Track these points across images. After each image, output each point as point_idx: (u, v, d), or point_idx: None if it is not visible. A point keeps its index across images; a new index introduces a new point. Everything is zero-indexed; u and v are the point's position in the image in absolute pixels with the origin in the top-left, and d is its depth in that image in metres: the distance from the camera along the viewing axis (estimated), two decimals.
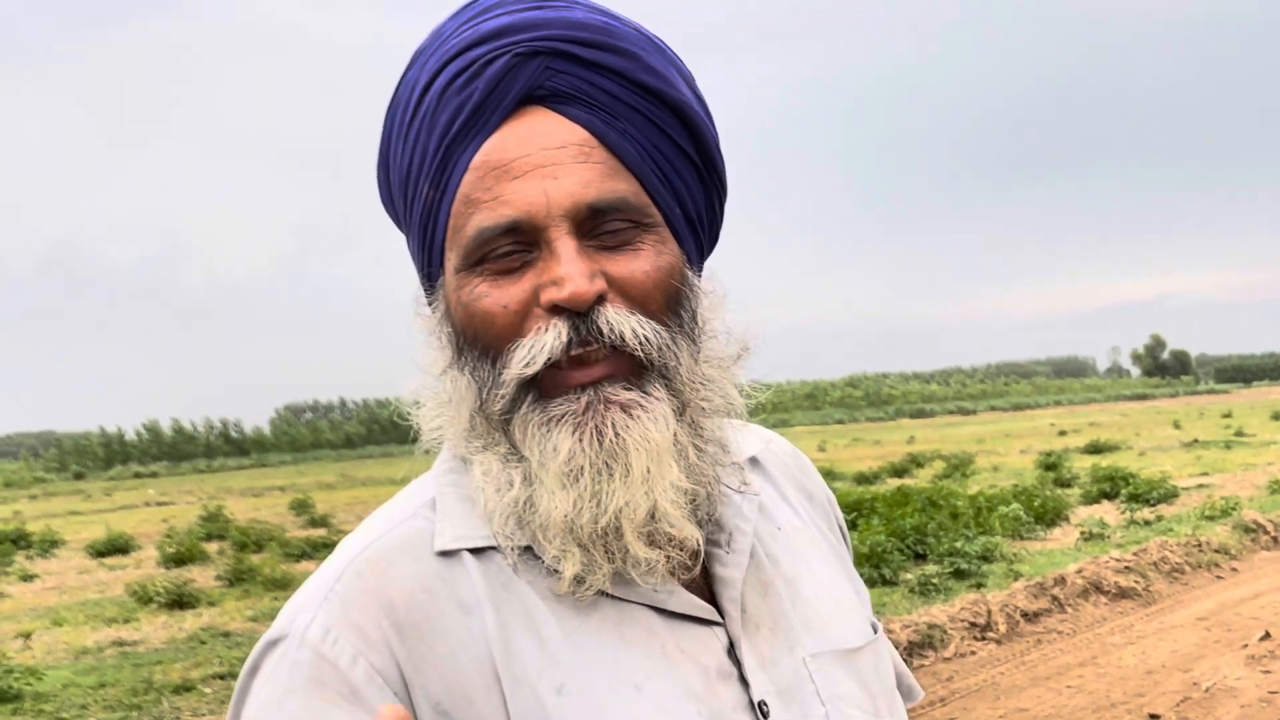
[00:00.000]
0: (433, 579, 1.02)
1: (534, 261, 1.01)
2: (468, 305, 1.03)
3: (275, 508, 33.95)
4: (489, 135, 1.03)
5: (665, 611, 1.04)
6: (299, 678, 0.97)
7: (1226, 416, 55.09)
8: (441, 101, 1.04)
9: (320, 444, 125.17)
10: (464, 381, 1.04)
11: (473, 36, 1.04)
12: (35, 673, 9.99)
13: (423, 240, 1.08)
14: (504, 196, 1.00)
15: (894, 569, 12.25)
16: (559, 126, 1.02)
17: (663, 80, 1.07)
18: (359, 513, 30.11)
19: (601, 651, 1.01)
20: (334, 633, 0.99)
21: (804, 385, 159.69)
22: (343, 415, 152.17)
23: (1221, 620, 9.75)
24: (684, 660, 1.03)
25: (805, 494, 1.28)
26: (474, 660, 0.99)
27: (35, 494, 63.19)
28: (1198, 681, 7.88)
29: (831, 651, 1.12)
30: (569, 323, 0.99)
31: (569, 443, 0.99)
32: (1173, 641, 9.09)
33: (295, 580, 15.72)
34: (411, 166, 1.07)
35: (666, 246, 1.05)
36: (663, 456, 1.00)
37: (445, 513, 1.07)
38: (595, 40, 1.04)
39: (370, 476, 56.33)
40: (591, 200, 1.00)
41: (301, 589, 1.06)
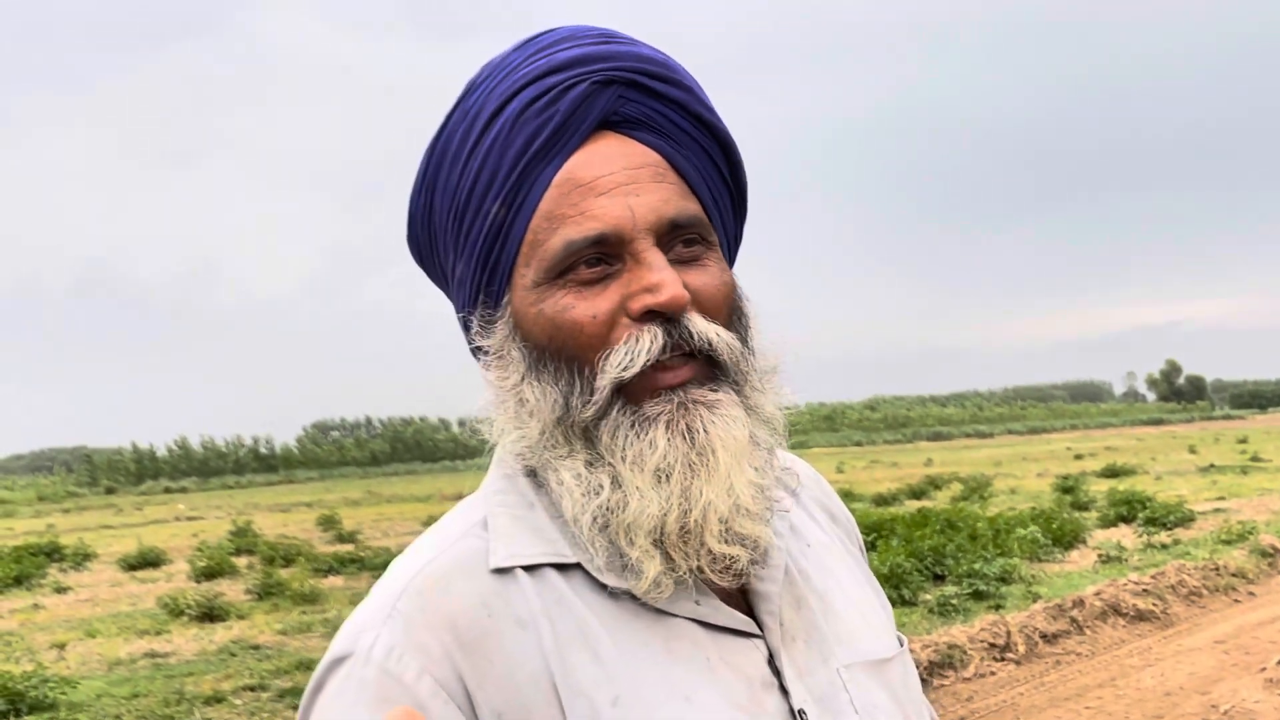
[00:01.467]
0: (490, 596, 1.04)
1: (617, 274, 1.04)
2: (553, 317, 1.05)
3: (303, 523, 34.04)
4: (569, 156, 1.07)
5: (708, 625, 1.06)
6: (366, 694, 0.99)
7: (1242, 442, 54.68)
8: (518, 124, 1.07)
9: (346, 461, 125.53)
10: (542, 391, 1.06)
11: (547, 65, 1.08)
12: (70, 683, 10.03)
13: (485, 260, 1.10)
14: (590, 211, 1.04)
15: (913, 589, 12.19)
16: (634, 149, 1.08)
17: (712, 114, 1.14)
18: (384, 529, 30.20)
19: (652, 664, 1.03)
20: (398, 650, 1.00)
21: (823, 408, 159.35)
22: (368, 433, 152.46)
23: (1239, 644, 9.67)
24: (728, 672, 1.05)
25: (828, 513, 1.31)
26: (532, 675, 1.01)
27: (68, 508, 63.50)
28: (1216, 704, 7.81)
29: (863, 662, 1.14)
30: (663, 328, 1.02)
31: (663, 441, 1.02)
32: (1191, 664, 9.02)
33: (323, 595, 15.77)
34: (475, 189, 1.09)
35: (724, 264, 1.11)
36: (741, 455, 1.04)
37: (497, 531, 1.08)
38: (660, 74, 1.11)
39: (395, 493, 56.43)
40: (672, 216, 1.05)
41: (361, 609, 1.07)
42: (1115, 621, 10.51)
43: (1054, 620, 10.18)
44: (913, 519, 16.93)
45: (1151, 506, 18.27)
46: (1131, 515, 18.43)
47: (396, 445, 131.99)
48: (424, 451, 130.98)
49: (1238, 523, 16.19)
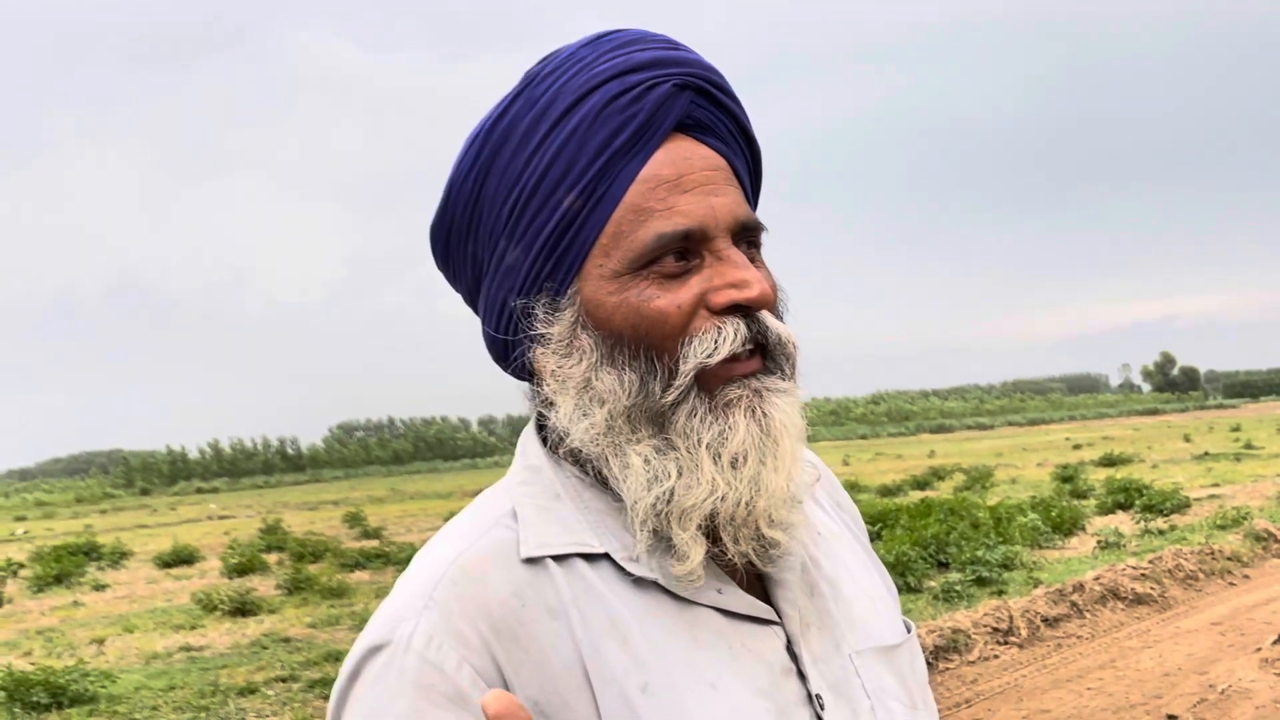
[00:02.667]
0: (523, 585, 1.03)
1: (696, 269, 1.05)
2: (638, 306, 1.04)
3: (330, 521, 34.14)
4: (652, 153, 1.07)
5: (729, 613, 1.06)
6: (406, 682, 0.97)
7: (1235, 430, 54.44)
8: (600, 118, 1.06)
9: (371, 460, 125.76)
10: (616, 378, 1.05)
11: (627, 63, 1.08)
12: (109, 676, 10.08)
13: (549, 249, 1.08)
14: (679, 207, 1.05)
15: (918, 577, 12.17)
16: (706, 152, 1.10)
17: (750, 126, 1.17)
18: (408, 525, 30.27)
19: (679, 652, 1.03)
20: (437, 639, 0.99)
21: (829, 403, 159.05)
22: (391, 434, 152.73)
23: (1235, 625, 9.63)
24: (750, 658, 1.05)
25: (835, 502, 1.31)
26: (564, 662, 1.00)
27: (105, 509, 63.77)
28: (1213, 684, 7.78)
29: (874, 649, 1.14)
30: (745, 321, 1.04)
31: (744, 424, 1.03)
32: (1188, 645, 8.98)
33: (351, 589, 15.80)
34: (545, 178, 1.07)
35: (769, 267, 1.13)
36: (799, 442, 1.07)
37: (526, 521, 1.07)
38: (722, 84, 1.13)
39: (418, 491, 56.54)
40: (744, 218, 1.08)
41: (394, 597, 1.06)
42: (1114, 605, 10.48)
43: (1055, 604, 10.16)
44: (917, 509, 16.89)
45: (1148, 494, 18.20)
46: (1129, 502, 18.36)
47: (419, 444, 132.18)
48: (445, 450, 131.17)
49: (1232, 508, 16.12)
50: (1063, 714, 7.31)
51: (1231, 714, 7.07)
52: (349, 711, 1.01)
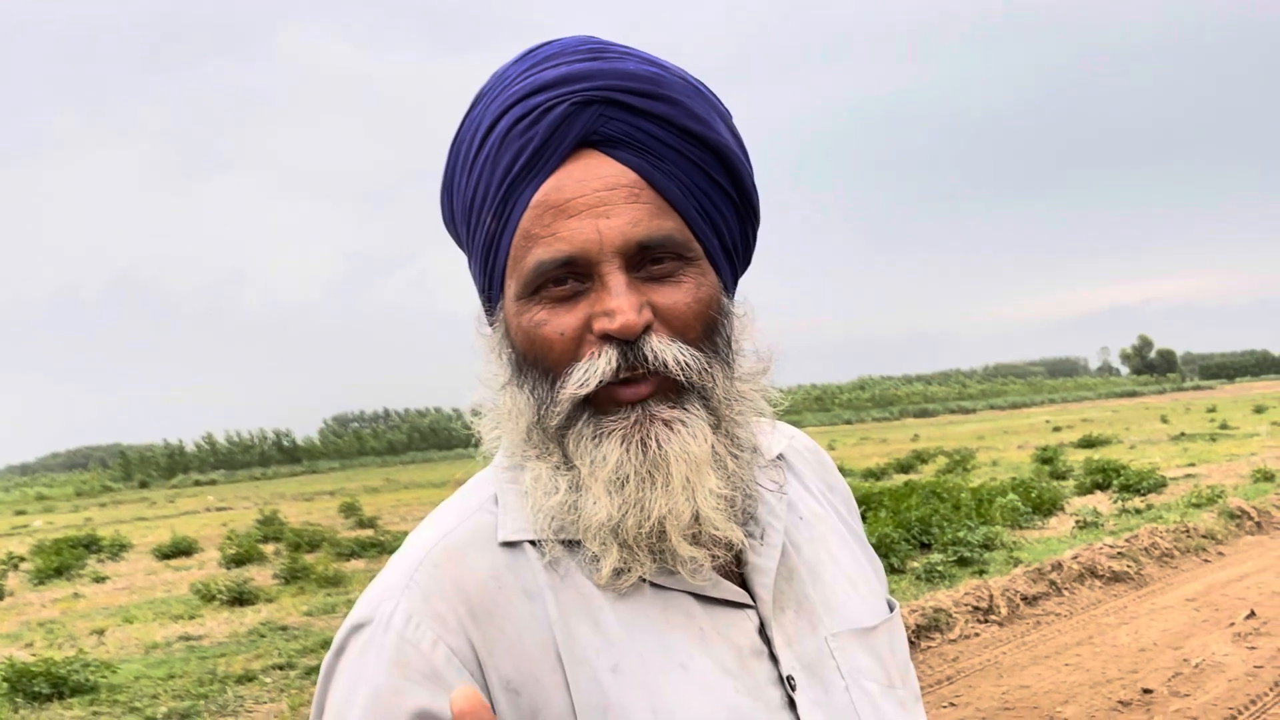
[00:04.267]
0: (501, 568, 1.06)
1: (587, 292, 1.04)
2: (528, 331, 1.06)
3: (326, 511, 34.09)
4: (547, 176, 1.06)
5: (703, 597, 1.08)
6: (384, 658, 1.01)
7: (1211, 411, 54.65)
8: (504, 143, 1.07)
9: (366, 451, 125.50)
10: (523, 398, 1.08)
11: (533, 84, 1.08)
12: (109, 666, 10.08)
13: (485, 265, 1.12)
14: (561, 233, 1.04)
15: (901, 558, 12.22)
16: (611, 169, 1.06)
17: (704, 125, 1.10)
18: (403, 514, 30.23)
19: (650, 634, 1.05)
20: (416, 619, 1.02)
21: (814, 389, 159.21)
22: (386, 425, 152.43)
23: (1209, 601, 9.70)
24: (720, 641, 1.07)
25: (826, 485, 1.31)
26: (538, 643, 1.03)
27: (104, 502, 63.57)
28: (1188, 658, 7.84)
29: (850, 631, 1.15)
30: (619, 350, 1.03)
31: (617, 453, 1.03)
32: (1164, 621, 9.04)
33: (346, 578, 15.80)
34: (475, 198, 1.10)
35: (706, 278, 1.08)
36: (701, 467, 1.04)
37: (506, 507, 1.10)
38: (644, 90, 1.08)
39: (412, 480, 56.47)
40: (640, 238, 1.04)
41: (380, 578, 1.09)
42: (1092, 583, 10.54)
43: (1034, 583, 10.21)
44: (900, 491, 16.96)
45: (1126, 474, 18.29)
46: (1107, 483, 18.45)
47: (413, 435, 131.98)
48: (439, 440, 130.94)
49: (1207, 487, 16.21)
50: (1041, 690, 7.36)
51: (1205, 687, 7.12)
52: (334, 685, 1.04)
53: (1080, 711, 6.80)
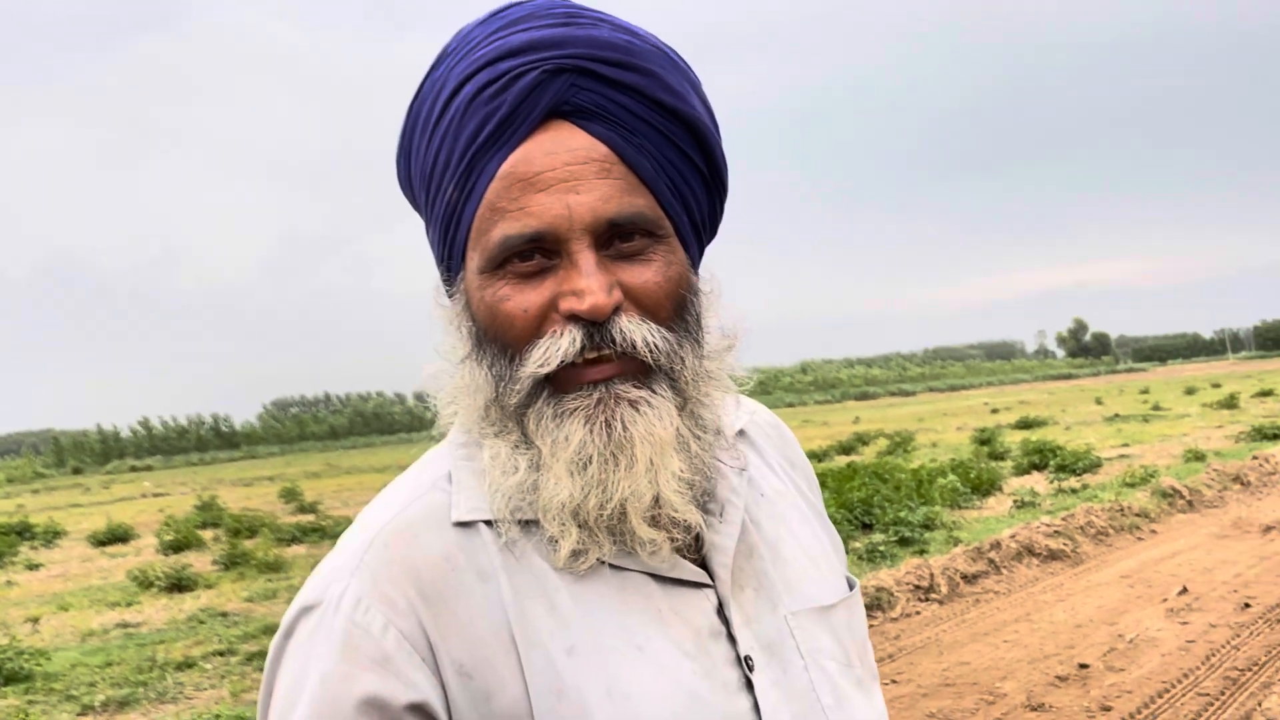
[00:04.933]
0: (453, 549, 1.03)
1: (554, 269, 1.01)
2: (490, 306, 1.02)
3: (265, 496, 33.69)
4: (515, 147, 1.01)
5: (660, 577, 1.05)
6: (333, 643, 0.98)
7: (1144, 393, 55.75)
8: (469, 110, 1.03)
9: (306, 436, 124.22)
10: (482, 373, 1.05)
11: (501, 49, 1.03)
12: (44, 654, 9.89)
13: (444, 235, 1.08)
14: (529, 208, 1.00)
15: (844, 539, 12.34)
16: (582, 141, 1.02)
17: (678, 97, 1.06)
18: (345, 499, 29.96)
19: (606, 615, 1.02)
20: (365, 601, 0.99)
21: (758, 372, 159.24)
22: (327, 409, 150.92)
23: (1143, 578, 9.89)
24: (678, 622, 1.04)
25: (787, 460, 1.28)
26: (492, 625, 1.00)
27: (37, 489, 62.34)
28: (1122, 633, 8.00)
29: (809, 609, 1.12)
30: (584, 330, 0.99)
31: (580, 433, 1.00)
32: (1099, 598, 9.21)
33: (288, 563, 15.63)
34: (435, 165, 1.06)
35: (675, 256, 1.05)
36: (665, 449, 1.02)
37: (461, 485, 1.07)
38: (617, 59, 1.04)
39: (354, 465, 55.94)
40: (611, 215, 1.00)
41: (330, 558, 1.06)
42: (1030, 561, 10.71)
43: (973, 562, 10.36)
44: (842, 473, 17.11)
45: (1062, 454, 18.62)
46: (1043, 463, 18.76)
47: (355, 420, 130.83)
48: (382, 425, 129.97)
49: (1140, 467, 16.54)
50: (981, 666, 7.47)
51: (1139, 661, 7.27)
52: (283, 668, 1.01)
53: (1019, 686, 6.91)
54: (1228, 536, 11.58)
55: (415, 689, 0.98)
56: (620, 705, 0.99)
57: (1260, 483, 15.17)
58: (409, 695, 0.97)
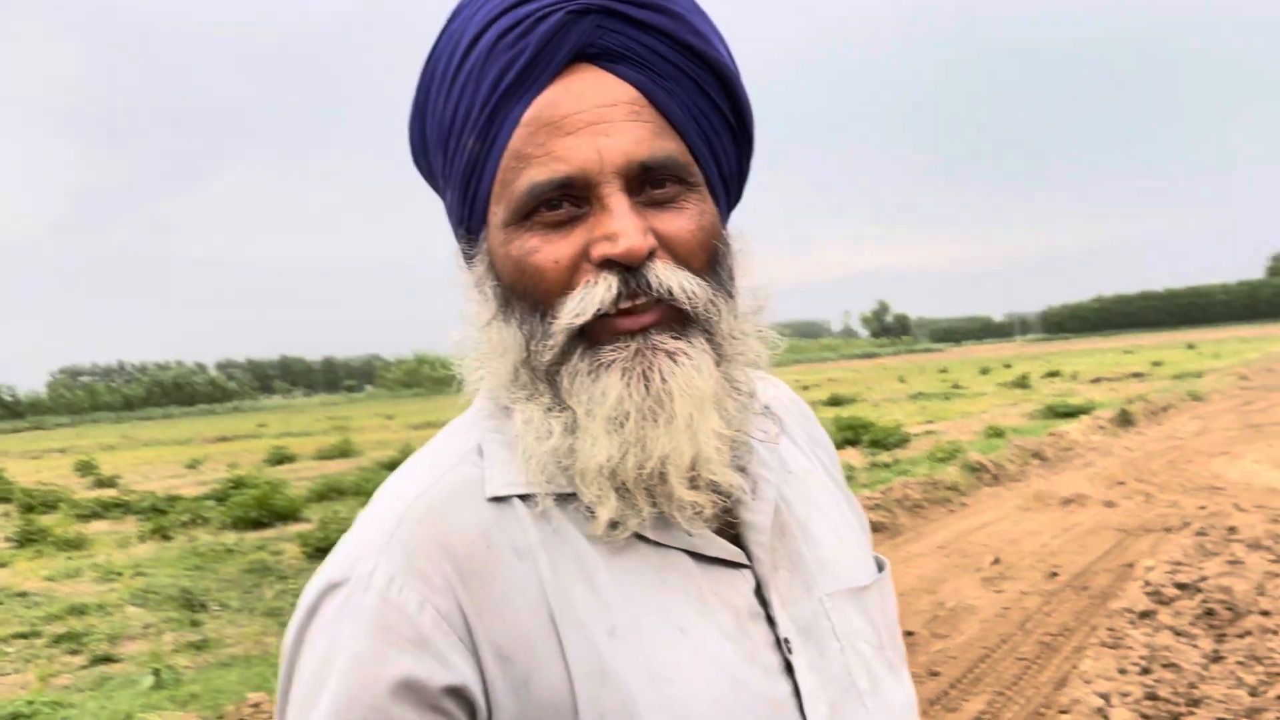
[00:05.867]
0: (489, 525, 0.98)
1: (584, 217, 0.96)
2: (518, 259, 0.98)
3: (58, 470, 31.89)
4: (540, 91, 0.97)
5: (699, 556, 1.02)
6: (364, 622, 0.92)
7: (943, 372, 58.52)
8: (491, 56, 0.98)
9: (99, 406, 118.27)
10: (510, 333, 1.00)
11: None
12: None
13: (465, 193, 1.02)
14: (557, 152, 0.96)
15: None
16: (610, 84, 0.98)
17: (706, 42, 1.03)
18: (145, 473, 28.67)
19: (646, 595, 0.98)
20: (399, 579, 0.94)
21: None
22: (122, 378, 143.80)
23: (958, 548, 10.36)
24: (718, 602, 1.01)
25: (810, 438, 1.25)
26: (530, 604, 0.95)
27: None
28: (943, 602, 8.35)
29: (844, 591, 1.10)
30: (619, 276, 0.95)
31: (617, 387, 0.96)
32: (919, 568, 9.60)
33: (89, 540, 14.83)
34: (455, 119, 1.01)
35: (707, 205, 1.02)
36: (705, 404, 0.97)
37: (493, 459, 1.02)
38: (645, 0, 1.00)
39: (154, 438, 53.61)
40: (644, 158, 0.96)
41: (355, 533, 0.99)
42: None
43: None
44: None
45: (873, 430, 19.32)
46: (857, 439, 19.42)
47: (154, 390, 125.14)
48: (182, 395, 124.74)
49: (947, 442, 17.31)
50: None
51: (960, 628, 7.61)
52: (307, 647, 0.95)
53: None
54: (1031, 509, 12.24)
55: (453, 671, 0.92)
56: (663, 689, 0.95)
57: (1057, 458, 16.11)
58: (447, 678, 0.92)
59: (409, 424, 44.46)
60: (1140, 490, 12.78)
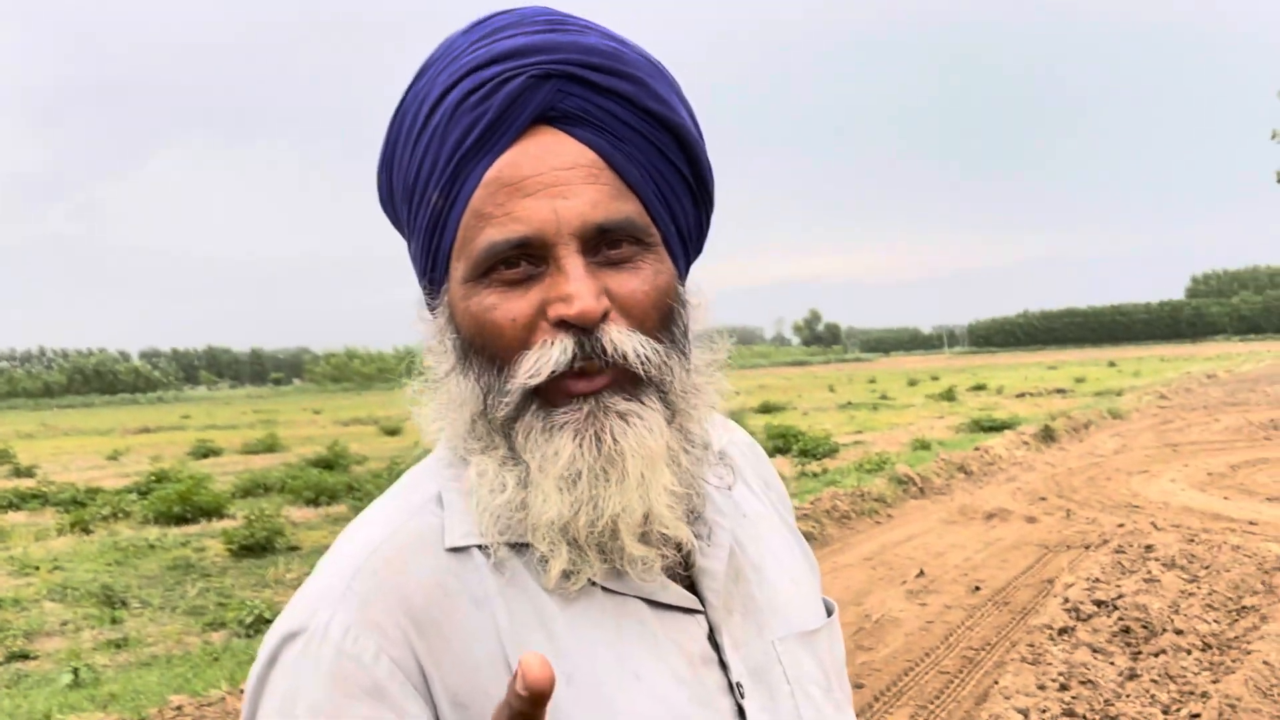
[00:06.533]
0: (446, 575, 1.00)
1: (541, 276, 0.99)
2: (477, 315, 1.00)
3: None
4: (501, 152, 1.00)
5: (654, 603, 1.04)
6: (321, 673, 0.94)
7: (872, 382, 59.22)
8: (455, 116, 1.00)
9: (16, 393, 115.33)
10: (469, 386, 1.02)
11: (488, 55, 1.01)
12: None
13: (428, 247, 1.05)
14: (515, 213, 0.98)
15: None
16: (569, 147, 1.01)
17: (666, 106, 1.06)
18: (65, 463, 28.05)
19: (603, 642, 1.01)
20: (355, 630, 0.95)
21: None
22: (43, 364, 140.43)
23: (884, 560, 10.51)
24: (672, 648, 1.03)
25: (763, 481, 1.28)
26: (488, 653, 0.97)
27: None
28: (869, 613, 8.47)
29: (795, 634, 1.13)
30: (574, 339, 0.97)
31: (570, 447, 0.98)
32: (845, 579, 9.73)
33: (4, 533, 14.48)
34: (420, 175, 1.03)
35: (663, 265, 1.04)
36: (656, 463, 1.00)
37: (452, 508, 1.04)
38: (606, 65, 1.03)
39: (74, 426, 52.42)
40: (600, 221, 0.99)
41: (314, 580, 1.01)
42: None
43: None
44: None
45: (803, 440, 19.46)
46: (787, 447, 19.55)
47: (74, 377, 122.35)
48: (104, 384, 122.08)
49: (875, 454, 17.53)
50: None
51: (885, 640, 7.73)
52: (268, 696, 0.96)
53: None
54: (955, 522, 12.45)
55: (409, 719, 0.94)
56: None
57: (981, 472, 16.40)
58: None
59: (337, 419, 43.91)
60: (1061, 506, 13.06)
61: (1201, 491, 13.77)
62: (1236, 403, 28.79)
